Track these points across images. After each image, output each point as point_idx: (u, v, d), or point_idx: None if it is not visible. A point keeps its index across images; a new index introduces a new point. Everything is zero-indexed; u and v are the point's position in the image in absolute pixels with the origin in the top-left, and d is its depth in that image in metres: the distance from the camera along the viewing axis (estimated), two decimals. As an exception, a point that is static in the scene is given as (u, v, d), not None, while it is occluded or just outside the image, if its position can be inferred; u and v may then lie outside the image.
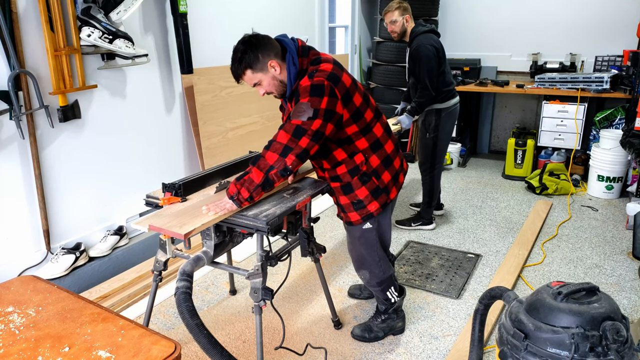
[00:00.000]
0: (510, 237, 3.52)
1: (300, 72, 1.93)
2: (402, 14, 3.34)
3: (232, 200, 1.84)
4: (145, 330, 1.40)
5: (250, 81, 1.95)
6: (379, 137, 2.08)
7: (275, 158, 1.83)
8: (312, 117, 1.82)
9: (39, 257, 2.69)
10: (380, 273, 2.26)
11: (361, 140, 2.03)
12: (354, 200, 2.10)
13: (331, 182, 2.13)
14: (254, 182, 1.82)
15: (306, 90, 1.85)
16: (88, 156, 2.87)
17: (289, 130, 1.84)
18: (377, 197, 2.11)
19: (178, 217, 1.80)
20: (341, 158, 2.05)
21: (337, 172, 2.08)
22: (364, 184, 2.07)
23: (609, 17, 4.79)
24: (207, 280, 2.97)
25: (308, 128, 1.83)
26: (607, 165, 4.19)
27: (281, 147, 1.83)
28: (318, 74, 1.87)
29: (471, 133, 5.66)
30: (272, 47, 1.92)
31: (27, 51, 2.49)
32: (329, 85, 1.86)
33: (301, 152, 1.84)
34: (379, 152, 2.08)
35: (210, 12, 3.56)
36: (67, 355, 1.29)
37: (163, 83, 3.30)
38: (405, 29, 3.38)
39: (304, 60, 1.95)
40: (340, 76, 1.92)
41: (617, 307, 1.38)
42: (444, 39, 5.67)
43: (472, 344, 1.74)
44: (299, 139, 1.83)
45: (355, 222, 2.15)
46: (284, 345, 2.27)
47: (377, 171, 2.09)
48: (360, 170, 2.06)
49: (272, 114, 4.11)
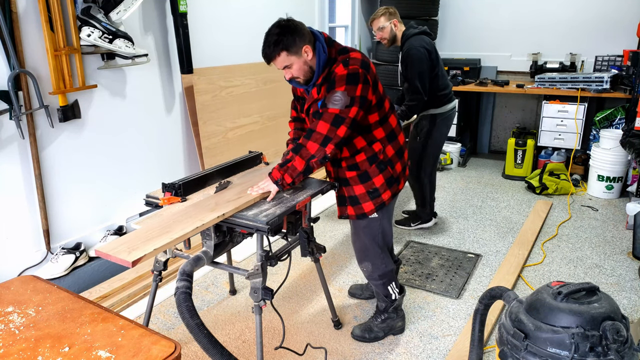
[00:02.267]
0: (510, 237, 3.52)
1: (328, 60, 2.01)
2: (389, 19, 3.24)
3: (276, 184, 1.99)
4: (145, 330, 1.40)
5: (282, 64, 1.99)
6: (394, 128, 2.18)
7: (316, 148, 1.94)
8: (349, 105, 1.91)
9: (39, 257, 2.69)
10: (382, 265, 2.30)
11: (379, 130, 2.12)
12: (369, 189, 2.15)
13: (347, 172, 2.16)
14: (296, 170, 1.97)
15: (342, 78, 1.92)
16: (88, 156, 2.87)
17: (328, 119, 1.92)
18: (390, 186, 2.18)
19: (130, 241, 1.62)
20: (360, 146, 2.11)
21: (356, 160, 2.13)
22: (381, 172, 2.14)
23: (609, 17, 4.79)
24: (207, 280, 2.97)
25: (346, 116, 1.91)
26: (607, 165, 4.19)
27: (321, 137, 1.93)
28: (352, 61, 1.95)
29: (471, 133, 5.66)
30: (306, 33, 1.99)
31: (27, 51, 2.49)
32: (363, 72, 1.94)
33: (340, 141, 1.95)
34: (394, 142, 2.17)
35: (210, 12, 3.56)
36: (67, 355, 1.29)
37: (163, 83, 3.30)
38: (394, 34, 3.29)
39: (332, 49, 2.03)
40: (369, 64, 2.01)
41: (617, 307, 1.38)
42: (443, 39, 5.74)
43: (472, 344, 1.74)
44: (337, 127, 1.92)
45: (368, 212, 2.19)
46: (284, 345, 2.27)
47: (392, 161, 2.17)
48: (378, 159, 2.13)
49: (272, 114, 4.11)
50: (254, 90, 3.91)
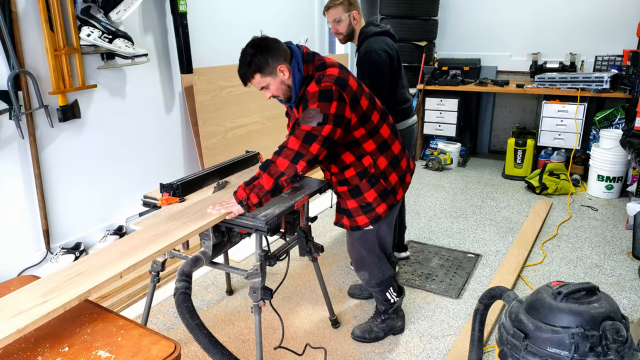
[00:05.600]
0: (510, 237, 3.52)
1: (305, 78, 1.92)
2: (348, 10, 2.62)
3: (241, 204, 1.83)
4: (145, 330, 1.40)
5: (258, 85, 1.94)
6: (386, 138, 2.08)
7: (286, 164, 1.82)
8: (322, 123, 1.82)
9: (39, 256, 2.69)
10: (379, 274, 2.25)
11: (368, 142, 2.02)
12: (362, 203, 2.08)
13: (338, 187, 2.11)
14: (263, 188, 1.82)
15: (315, 95, 1.84)
16: (88, 156, 2.87)
17: (300, 136, 1.83)
18: (385, 199, 2.09)
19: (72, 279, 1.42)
20: (349, 161, 2.04)
21: (346, 176, 2.06)
22: (372, 187, 2.06)
23: (609, 16, 4.79)
24: (206, 280, 2.97)
25: (318, 134, 1.82)
26: (607, 165, 4.19)
27: (292, 153, 1.82)
28: (325, 79, 1.87)
29: (471, 133, 5.66)
30: (281, 52, 1.90)
31: (26, 51, 2.49)
32: (337, 89, 1.85)
33: (312, 158, 1.84)
34: (386, 153, 2.07)
35: (210, 12, 3.56)
36: (67, 355, 1.29)
37: (163, 83, 3.30)
38: (353, 29, 2.67)
39: (309, 66, 1.94)
40: (347, 80, 1.91)
41: (617, 307, 1.38)
42: (443, 39, 5.73)
43: (472, 344, 1.74)
44: (309, 145, 1.82)
45: (363, 225, 2.12)
46: (283, 345, 2.27)
47: (385, 173, 2.08)
48: (369, 173, 2.05)
49: (271, 114, 4.11)
50: (254, 90, 3.88)
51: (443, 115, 5.19)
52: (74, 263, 1.53)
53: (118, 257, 1.53)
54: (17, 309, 1.29)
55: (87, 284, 1.38)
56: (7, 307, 1.31)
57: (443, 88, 5.10)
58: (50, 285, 1.40)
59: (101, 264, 1.49)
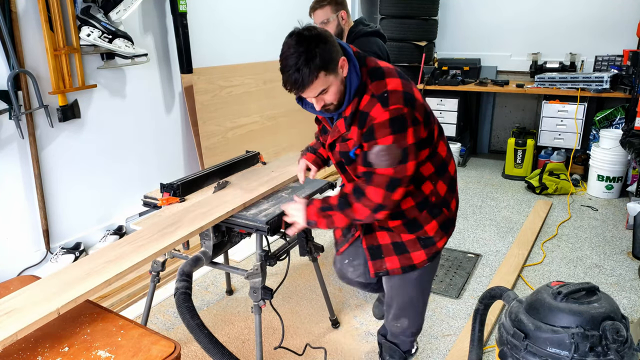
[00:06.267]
0: (510, 237, 3.52)
1: (359, 85, 1.54)
2: (336, 10, 2.51)
3: (308, 224, 1.68)
4: (145, 330, 1.40)
5: (318, 88, 1.48)
6: (444, 158, 1.73)
7: (366, 214, 1.58)
8: (403, 161, 1.49)
9: (39, 256, 2.69)
10: (421, 321, 1.97)
11: (427, 165, 1.67)
12: (421, 236, 1.74)
13: (389, 222, 1.73)
14: (334, 224, 1.64)
15: (385, 126, 1.47)
16: (87, 156, 2.87)
17: (381, 184, 1.51)
18: (447, 231, 1.78)
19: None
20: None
21: (402, 207, 1.69)
22: (434, 218, 1.72)
23: (609, 16, 4.79)
24: (206, 280, 2.97)
25: (402, 176, 1.52)
26: (607, 165, 4.19)
27: (373, 205, 1.55)
28: (392, 98, 1.48)
29: (471, 133, 5.66)
30: (336, 43, 1.50)
31: (26, 51, 2.49)
32: (409, 111, 1.49)
33: (393, 205, 1.58)
34: (444, 176, 1.73)
35: (210, 12, 3.56)
36: (67, 355, 1.29)
37: (163, 83, 3.30)
38: (341, 30, 2.56)
39: (363, 69, 1.55)
40: (414, 93, 1.54)
41: (617, 307, 1.38)
42: (443, 39, 5.73)
43: (472, 344, 1.74)
44: (393, 191, 1.53)
45: (419, 264, 1.75)
46: (283, 345, 2.27)
47: (446, 200, 1.74)
48: (430, 202, 1.70)
49: (272, 114, 4.11)
50: (254, 90, 3.91)
51: (443, 115, 5.18)
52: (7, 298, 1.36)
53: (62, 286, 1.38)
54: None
55: (18, 324, 1.24)
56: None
57: (443, 88, 5.10)
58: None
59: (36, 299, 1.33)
